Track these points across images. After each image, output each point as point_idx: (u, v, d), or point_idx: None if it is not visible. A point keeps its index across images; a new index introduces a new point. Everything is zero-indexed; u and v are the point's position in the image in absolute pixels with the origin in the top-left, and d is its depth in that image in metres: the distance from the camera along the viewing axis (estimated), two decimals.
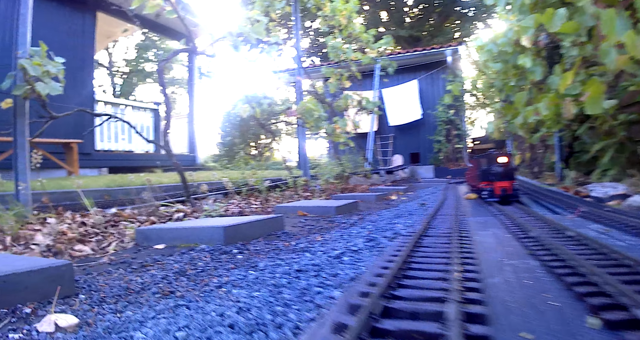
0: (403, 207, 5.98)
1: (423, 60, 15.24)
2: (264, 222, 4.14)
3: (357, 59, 12.50)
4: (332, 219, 5.28)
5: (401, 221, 4.15)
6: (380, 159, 15.67)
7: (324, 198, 8.08)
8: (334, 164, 10.14)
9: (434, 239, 2.34)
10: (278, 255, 3.07)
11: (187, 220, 5.01)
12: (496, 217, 3.50)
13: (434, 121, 15.10)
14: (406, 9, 22.48)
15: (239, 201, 7.29)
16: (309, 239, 3.78)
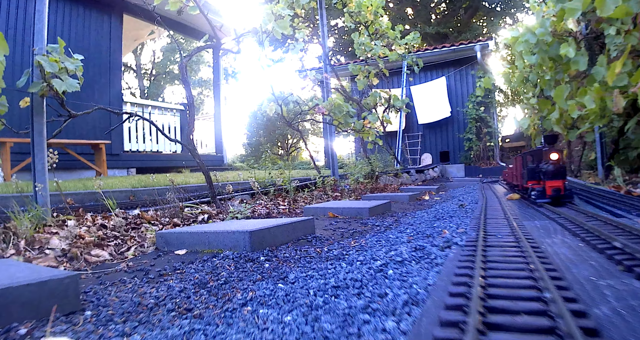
0: (440, 208, 5.57)
1: (451, 56, 14.70)
2: (293, 226, 3.79)
3: (385, 55, 12.09)
4: (364, 222, 4.92)
5: (443, 225, 3.75)
6: (409, 158, 15.18)
7: (353, 198, 7.72)
8: (363, 163, 9.75)
9: (500, 251, 1.93)
10: (310, 264, 2.73)
11: (211, 223, 4.71)
12: (555, 222, 3.07)
13: (463, 119, 14.55)
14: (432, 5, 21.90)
15: (266, 202, 7.00)
16: (342, 245, 3.43)
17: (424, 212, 5.39)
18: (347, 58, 19.75)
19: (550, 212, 3.50)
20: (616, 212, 3.42)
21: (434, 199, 7.54)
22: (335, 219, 5.19)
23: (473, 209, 4.59)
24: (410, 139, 15.36)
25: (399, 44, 12.43)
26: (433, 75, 15.15)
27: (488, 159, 14.26)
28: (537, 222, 3.12)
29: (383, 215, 5.50)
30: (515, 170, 5.34)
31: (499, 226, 2.74)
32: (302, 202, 7.19)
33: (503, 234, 2.40)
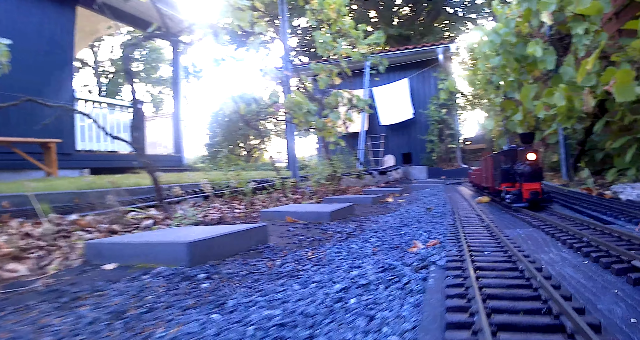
0: (405, 212, 5.16)
1: (414, 58, 14.44)
2: (244, 234, 3.28)
3: (347, 55, 11.69)
4: (325, 227, 4.45)
5: (412, 232, 3.31)
6: (371, 160, 14.83)
7: (315, 201, 7.25)
8: (325, 164, 9.28)
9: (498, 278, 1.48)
10: (257, 284, 2.24)
11: (155, 230, 4.13)
12: (541, 230, 2.67)
13: (425, 120, 14.29)
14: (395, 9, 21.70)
15: (222, 205, 6.44)
16: (298, 257, 2.94)
17: (389, 217, 4.97)
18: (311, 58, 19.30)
19: (531, 218, 3.12)
20: (602, 217, 3.05)
21: (399, 202, 7.15)
22: (294, 224, 4.71)
23: (442, 214, 4.18)
24: (373, 140, 15.01)
25: (362, 44, 12.03)
26: (395, 77, 14.85)
27: (450, 160, 14.05)
28: (520, 230, 2.71)
29: (345, 219, 5.05)
30: (484, 172, 4.98)
31: (481, 237, 2.32)
32: (259, 205, 6.69)
33: (490, 249, 1.97)
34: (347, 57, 12.43)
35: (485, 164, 5.00)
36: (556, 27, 6.77)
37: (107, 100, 12.07)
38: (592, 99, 5.08)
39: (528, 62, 6.84)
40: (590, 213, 3.28)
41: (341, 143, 9.17)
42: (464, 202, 4.79)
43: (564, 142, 7.21)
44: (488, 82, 9.67)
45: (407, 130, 14.71)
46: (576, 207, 3.63)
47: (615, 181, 5.59)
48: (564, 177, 7.04)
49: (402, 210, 5.48)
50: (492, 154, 4.30)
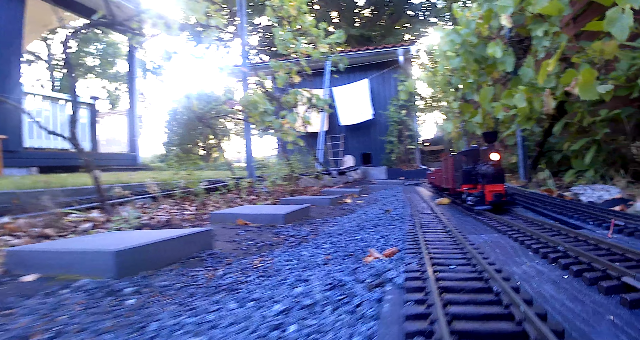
0: (363, 214, 4.90)
1: (374, 59, 14.28)
2: (186, 240, 2.93)
3: (307, 53, 11.38)
4: (278, 231, 4.15)
5: (368, 237, 3.03)
6: (331, 160, 14.57)
7: (270, 202, 6.91)
8: (282, 164, 8.94)
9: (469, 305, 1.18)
10: (190, 301, 1.94)
11: (81, 237, 3.70)
12: (508, 236, 2.42)
13: (385, 121, 14.15)
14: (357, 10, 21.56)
15: (172, 206, 6.04)
16: (243, 266, 2.63)
17: (346, 219, 4.70)
18: (271, 57, 18.87)
19: (495, 222, 2.88)
20: (568, 221, 2.86)
21: (357, 203, 6.90)
22: (246, 228, 4.39)
23: (401, 216, 3.93)
24: (332, 140, 14.76)
25: (322, 43, 11.74)
26: (356, 77, 14.65)
27: (409, 161, 13.95)
28: (485, 236, 2.46)
29: (300, 222, 4.75)
30: (445, 172, 4.76)
31: (444, 246, 2.05)
32: (212, 207, 6.32)
33: (455, 262, 1.69)
34: (307, 56, 12.14)
35: (445, 165, 4.78)
36: (515, 29, 6.67)
37: (59, 96, 11.30)
38: (552, 101, 4.96)
39: (488, 64, 6.72)
40: (555, 216, 3.08)
41: (300, 143, 8.86)
42: (423, 204, 4.56)
43: (522, 144, 7.12)
44: (447, 83, 9.56)
45: (367, 131, 14.53)
46: (540, 210, 3.43)
47: (573, 182, 5.50)
48: (522, 178, 6.96)
49: (360, 212, 5.23)
50: (453, 154, 4.08)
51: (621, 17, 3.26)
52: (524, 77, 5.51)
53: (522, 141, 7.16)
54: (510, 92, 5.99)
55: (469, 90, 8.10)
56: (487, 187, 3.17)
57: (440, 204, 4.57)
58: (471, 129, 8.39)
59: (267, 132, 7.60)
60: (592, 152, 5.10)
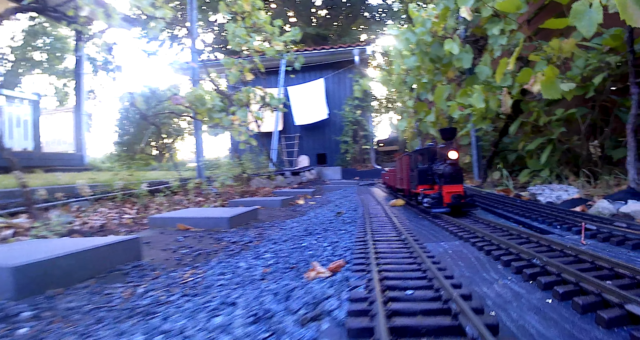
0: (314, 216, 4.54)
1: (330, 58, 13.97)
2: (108, 250, 2.50)
3: (261, 50, 10.94)
4: (220, 236, 3.75)
5: (315, 244, 2.68)
6: (285, 160, 14.15)
7: (219, 204, 6.47)
8: (233, 164, 8.47)
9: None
10: (95, 329, 1.62)
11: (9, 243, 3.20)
12: (472, 244, 2.10)
13: (340, 122, 13.86)
14: (314, 10, 21.23)
15: (110, 210, 5.52)
16: (170, 281, 2.26)
17: (296, 222, 4.33)
18: (226, 56, 18.19)
19: (454, 227, 2.57)
20: (533, 224, 2.59)
21: (309, 204, 6.54)
22: (186, 233, 3.98)
23: (353, 220, 3.59)
24: (287, 140, 14.34)
25: (277, 40, 11.32)
26: (311, 77, 14.31)
27: (364, 161, 13.71)
28: (445, 245, 2.13)
29: (247, 226, 4.36)
30: (399, 172, 4.45)
31: (398, 260, 1.72)
32: (155, 210, 5.83)
33: (413, 283, 1.33)
34: (262, 54, 11.71)
35: (400, 164, 4.47)
36: (471, 29, 6.49)
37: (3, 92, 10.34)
38: (509, 99, 4.76)
39: (443, 63, 6.51)
40: (518, 219, 2.82)
41: (252, 142, 8.42)
42: (377, 206, 4.24)
43: (476, 143, 6.96)
44: (402, 83, 9.34)
45: (322, 131, 14.20)
46: (500, 212, 3.17)
47: (528, 182, 5.35)
48: (477, 178, 6.79)
49: (311, 214, 4.87)
50: (408, 153, 3.78)
51: (589, 11, 3.02)
52: (481, 75, 5.31)
53: (477, 141, 7.00)
54: (465, 91, 5.80)
55: (424, 90, 7.90)
56: (445, 188, 2.87)
57: (395, 206, 4.26)
58: (425, 128, 8.20)
59: (217, 129, 7.12)
60: (547, 151, 4.93)
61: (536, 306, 1.16)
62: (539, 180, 5.14)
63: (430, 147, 3.38)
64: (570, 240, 2.06)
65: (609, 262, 1.40)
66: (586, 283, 1.21)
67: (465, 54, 5.64)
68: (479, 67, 5.39)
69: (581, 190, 4.14)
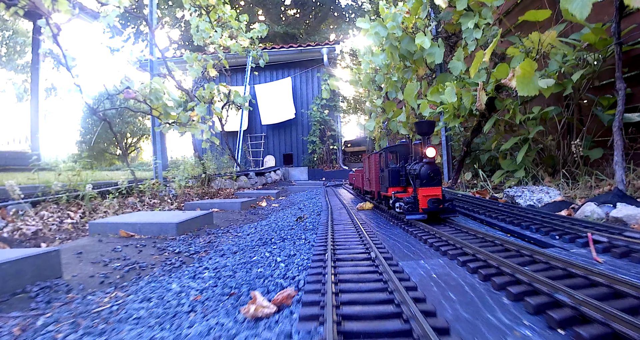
0: (274, 221, 4.05)
1: (298, 57, 13.46)
2: (11, 268, 1.98)
3: (226, 45, 10.37)
4: (165, 245, 3.23)
5: (266, 259, 2.19)
6: (251, 160, 13.55)
7: (175, 207, 5.91)
8: (193, 164, 7.87)
9: None
10: None
11: None
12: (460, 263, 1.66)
13: (308, 121, 13.37)
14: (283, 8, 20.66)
15: (53, 213, 4.90)
16: (82, 309, 1.84)
17: (253, 228, 3.83)
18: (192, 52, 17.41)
19: (434, 238, 2.12)
20: (525, 233, 2.16)
21: (272, 206, 6.04)
22: (128, 240, 3.45)
23: (315, 226, 3.12)
24: (253, 140, 13.73)
25: (243, 36, 10.76)
26: (279, 75, 13.77)
27: (331, 162, 13.24)
28: (425, 264, 1.67)
29: (198, 232, 3.84)
30: (368, 173, 3.98)
31: (365, 291, 1.25)
32: (102, 213, 5.24)
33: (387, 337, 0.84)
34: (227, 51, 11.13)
35: (368, 164, 4.00)
36: (443, 25, 6.11)
37: None
38: (484, 95, 4.37)
39: (414, 59, 6.10)
40: (505, 227, 2.39)
41: (215, 141, 7.84)
42: (342, 210, 3.78)
43: (446, 143, 6.58)
44: (371, 81, 8.93)
45: (289, 131, 13.67)
46: (482, 218, 2.74)
47: (502, 184, 5.00)
48: (447, 179, 6.41)
49: (272, 219, 4.38)
50: (378, 151, 3.31)
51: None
52: (454, 70, 4.91)
53: (447, 140, 6.62)
54: (437, 88, 5.41)
55: (393, 89, 7.51)
56: (421, 190, 2.42)
57: (362, 210, 3.80)
58: (394, 128, 7.81)
59: (174, 126, 6.53)
60: (523, 151, 4.56)
61: None
62: (513, 181, 4.78)
63: (404, 144, 2.92)
64: (579, 256, 1.63)
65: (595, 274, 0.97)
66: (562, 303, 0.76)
67: (436, 48, 5.25)
68: (452, 62, 5.00)
69: (561, 192, 3.77)
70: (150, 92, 5.92)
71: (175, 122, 6.64)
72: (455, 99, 4.37)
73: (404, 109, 7.09)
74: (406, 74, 6.82)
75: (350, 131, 25.18)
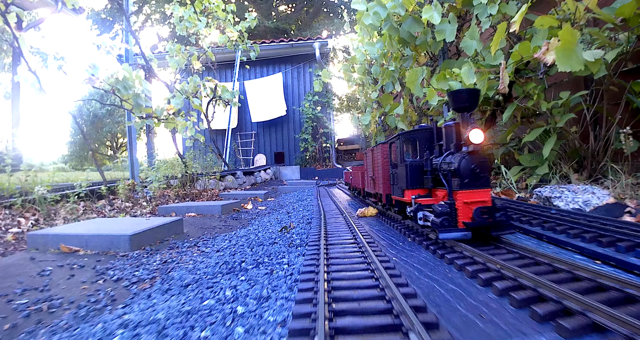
0: (255, 230, 3.22)
1: (290, 52, 12.62)
2: None
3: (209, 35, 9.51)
4: (107, 267, 2.51)
5: (225, 307, 1.28)
6: (241, 159, 12.67)
7: (148, 210, 5.10)
8: (173, 163, 7.00)
9: None
10: None
11: None
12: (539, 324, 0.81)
13: (299, 118, 12.52)
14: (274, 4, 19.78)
15: (2, 220, 4.14)
16: None
17: (226, 240, 3.01)
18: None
19: (498, 277, 1.26)
20: (629, 261, 1.31)
21: (258, 209, 5.22)
22: (67, 258, 2.82)
23: (303, 240, 2.29)
24: (243, 138, 12.85)
25: (231, 28, 9.91)
26: (269, 71, 12.91)
27: (324, 160, 12.39)
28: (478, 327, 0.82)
29: (160, 245, 3.03)
30: (371, 171, 3.11)
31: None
32: (61, 219, 4.44)
33: None
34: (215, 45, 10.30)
35: (372, 159, 3.11)
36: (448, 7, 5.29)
37: None
38: (507, 77, 3.55)
39: (416, 44, 5.29)
40: (586, 248, 1.55)
41: (200, 138, 7.00)
42: (338, 217, 2.95)
43: None
44: (366, 72, 8.11)
45: (280, 128, 12.79)
46: (537, 231, 1.90)
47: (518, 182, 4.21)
48: None
49: (254, 227, 3.56)
50: (386, 140, 2.43)
51: None
52: (467, 49, 4.09)
53: None
54: (443, 74, 4.59)
55: (390, 80, 6.69)
56: (461, 194, 1.56)
57: (364, 217, 2.96)
58: (392, 122, 6.99)
59: (148, 121, 5.67)
60: (550, 144, 3.74)
61: None
62: (533, 178, 3.98)
63: (426, 128, 2.06)
64: None
65: None
66: None
67: (447, 24, 4.43)
68: (464, 40, 4.19)
69: (611, 192, 2.97)
70: (117, 81, 5.06)
71: (150, 116, 5.79)
72: (474, 79, 3.55)
73: (402, 101, 6.28)
74: (405, 63, 6.01)
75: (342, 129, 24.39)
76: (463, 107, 1.62)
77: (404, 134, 2.13)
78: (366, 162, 3.54)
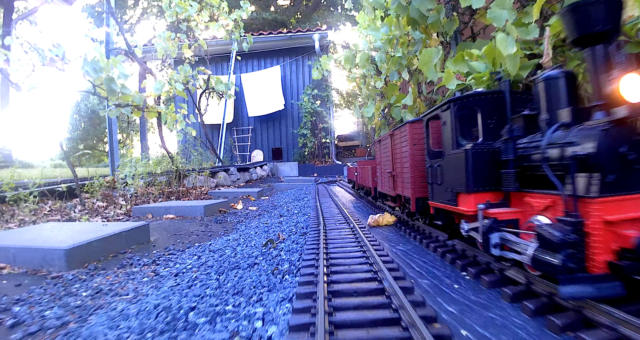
0: (236, 240, 2.46)
1: (288, 44, 11.83)
2: None
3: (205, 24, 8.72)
4: (23, 297, 1.73)
5: None
6: (237, 155, 11.86)
7: (123, 211, 4.35)
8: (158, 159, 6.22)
9: None
10: None
11: None
12: None
13: (298, 113, 11.71)
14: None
15: None
16: None
17: (195, 256, 2.26)
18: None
19: None
20: None
21: (248, 210, 4.47)
22: None
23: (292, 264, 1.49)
24: (239, 133, 12.05)
25: (225, 16, 9.09)
26: (267, 64, 12.12)
27: (324, 157, 11.59)
28: None
29: (109, 261, 2.25)
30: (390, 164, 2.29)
31: None
32: (16, 223, 3.71)
33: None
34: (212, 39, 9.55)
35: (391, 147, 2.26)
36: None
37: None
38: (551, 47, 2.77)
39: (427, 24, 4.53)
40: None
41: (191, 132, 6.22)
42: (342, 225, 2.19)
43: None
44: (369, 60, 7.30)
45: (278, 123, 11.99)
46: None
47: None
48: None
49: (238, 233, 2.81)
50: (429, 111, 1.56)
51: None
52: (496, 20, 3.30)
53: None
54: (461, 54, 3.81)
55: (396, 68, 5.91)
56: (602, 206, 0.76)
57: (378, 226, 2.19)
58: (397, 114, 6.20)
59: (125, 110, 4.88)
60: None
61: None
62: None
63: (493, 92, 1.20)
64: None
65: None
66: None
67: None
68: (492, 10, 3.39)
69: None
70: (89, 63, 4.27)
71: (129, 104, 5.00)
72: (514, 48, 2.77)
73: (411, 90, 5.50)
74: (414, 47, 5.24)
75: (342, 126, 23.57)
76: (595, 35, 0.84)
77: (459, 101, 1.32)
78: (380, 154, 2.76)
